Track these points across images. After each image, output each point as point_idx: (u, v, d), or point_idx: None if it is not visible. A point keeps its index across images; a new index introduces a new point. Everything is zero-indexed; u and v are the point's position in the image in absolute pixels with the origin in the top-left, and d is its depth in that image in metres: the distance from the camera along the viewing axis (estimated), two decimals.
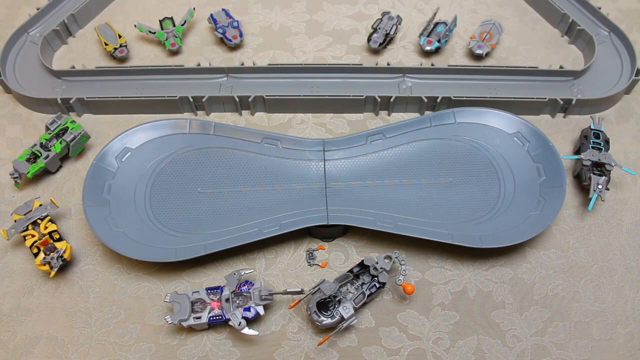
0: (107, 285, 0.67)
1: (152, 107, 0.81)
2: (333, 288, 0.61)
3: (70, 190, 0.75)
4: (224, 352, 0.62)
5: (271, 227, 0.67)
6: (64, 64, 0.88)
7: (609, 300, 0.65)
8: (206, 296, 0.62)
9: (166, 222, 0.69)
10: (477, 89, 0.83)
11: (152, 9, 0.97)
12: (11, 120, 0.82)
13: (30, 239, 0.67)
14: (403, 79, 0.84)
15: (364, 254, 0.69)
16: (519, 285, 0.66)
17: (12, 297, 0.66)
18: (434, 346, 0.62)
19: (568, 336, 0.63)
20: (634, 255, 0.69)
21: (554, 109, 0.80)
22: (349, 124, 0.81)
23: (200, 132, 0.75)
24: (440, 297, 0.65)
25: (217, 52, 0.90)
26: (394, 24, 0.89)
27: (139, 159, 0.73)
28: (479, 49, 0.86)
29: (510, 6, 0.97)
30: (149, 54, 0.90)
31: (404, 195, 0.71)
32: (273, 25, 0.94)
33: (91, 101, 0.80)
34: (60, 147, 0.74)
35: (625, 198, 0.73)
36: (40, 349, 0.62)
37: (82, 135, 0.75)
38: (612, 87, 0.82)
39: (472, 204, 0.70)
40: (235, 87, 0.83)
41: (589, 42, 0.87)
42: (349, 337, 0.63)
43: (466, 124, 0.76)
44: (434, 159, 0.73)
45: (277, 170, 0.73)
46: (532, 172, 0.71)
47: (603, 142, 0.74)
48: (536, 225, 0.66)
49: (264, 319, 0.64)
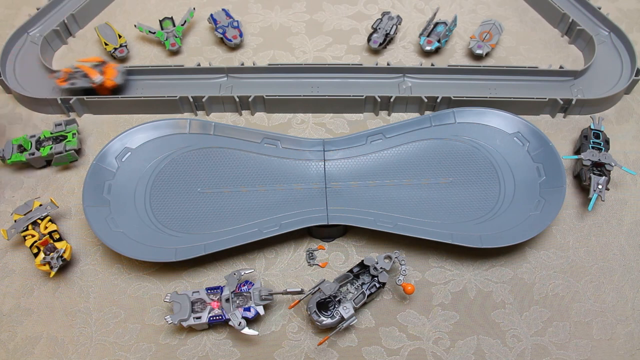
0: (107, 285, 0.67)
1: (152, 107, 0.81)
2: (333, 288, 0.61)
3: (70, 190, 0.75)
4: (224, 352, 0.62)
5: (271, 227, 0.67)
6: (64, 64, 0.88)
7: (609, 300, 0.65)
8: (206, 296, 0.62)
9: (166, 222, 0.69)
10: (477, 89, 0.83)
11: (152, 9, 0.97)
12: (11, 120, 0.82)
13: (30, 239, 0.67)
14: (403, 79, 0.84)
15: (364, 254, 0.69)
16: (519, 285, 0.66)
17: (12, 297, 0.66)
18: (434, 346, 0.62)
19: (568, 336, 0.63)
20: (634, 255, 0.69)
21: (554, 109, 0.80)
22: (349, 124, 0.81)
23: (200, 132, 0.75)
24: (440, 297, 0.65)
25: (217, 52, 0.90)
26: (394, 24, 0.89)
27: (139, 159, 0.73)
28: (479, 49, 0.86)
29: (510, 6, 0.97)
30: (149, 54, 0.90)
31: (404, 195, 0.71)
32: (273, 25, 0.94)
33: (91, 101, 0.80)
34: (47, 153, 0.74)
35: (625, 198, 0.73)
36: (40, 349, 0.62)
37: (69, 154, 0.75)
38: (612, 87, 0.82)
39: (472, 204, 0.70)
40: (235, 87, 0.83)
41: (589, 42, 0.87)
42: (349, 337, 0.63)
43: (466, 124, 0.76)
44: (434, 159, 0.73)
45: (277, 170, 0.73)
46: (532, 172, 0.71)
47: (603, 142, 0.74)
48: (536, 225, 0.66)
49: (264, 319, 0.64)
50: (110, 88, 0.80)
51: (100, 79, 0.77)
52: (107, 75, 0.79)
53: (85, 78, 0.79)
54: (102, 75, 0.77)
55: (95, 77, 0.77)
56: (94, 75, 0.77)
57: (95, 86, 0.79)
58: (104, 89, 0.80)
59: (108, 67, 0.80)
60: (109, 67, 0.80)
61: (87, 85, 0.79)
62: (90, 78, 0.78)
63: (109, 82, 0.79)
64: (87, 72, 0.78)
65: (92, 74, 0.78)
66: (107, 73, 0.79)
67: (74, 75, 0.80)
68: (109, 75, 0.79)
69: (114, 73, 0.80)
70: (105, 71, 0.79)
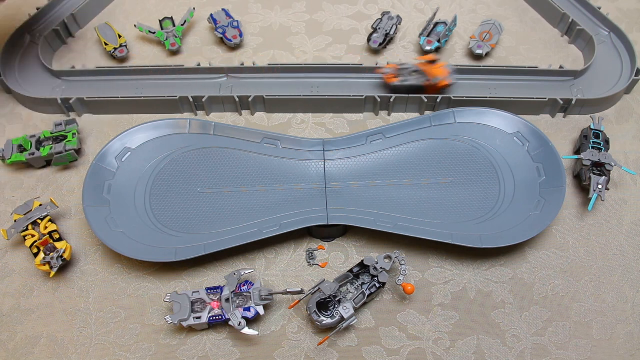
0: (107, 285, 0.67)
1: (152, 107, 0.81)
2: (333, 288, 0.61)
3: (70, 190, 0.75)
4: (224, 352, 0.62)
5: (271, 227, 0.67)
6: (64, 64, 0.88)
7: (609, 300, 0.65)
8: (206, 296, 0.62)
9: (166, 222, 0.69)
10: (477, 89, 0.83)
11: (152, 9, 0.97)
12: (11, 120, 0.82)
13: (30, 239, 0.67)
14: None
15: (364, 254, 0.69)
16: (519, 285, 0.66)
17: (12, 297, 0.66)
18: (434, 346, 0.62)
19: (568, 336, 0.63)
20: (634, 255, 0.69)
21: (554, 109, 0.81)
22: (349, 124, 0.81)
23: (200, 132, 0.75)
24: (440, 297, 0.65)
25: (217, 52, 0.90)
26: (394, 24, 0.89)
27: (139, 159, 0.73)
28: (479, 49, 0.86)
29: (510, 6, 0.97)
30: (149, 54, 0.90)
31: (404, 195, 0.71)
32: (273, 25, 0.94)
33: (91, 101, 0.80)
34: (47, 153, 0.74)
35: (625, 198, 0.73)
36: (40, 349, 0.62)
37: (69, 154, 0.75)
38: (612, 87, 0.82)
39: (472, 204, 0.70)
40: (235, 87, 0.83)
41: (589, 42, 0.87)
42: (349, 337, 0.63)
43: (466, 124, 0.76)
44: (434, 159, 0.73)
45: (277, 170, 0.73)
46: (532, 172, 0.71)
47: (603, 142, 0.74)
48: (536, 225, 0.66)
49: (264, 319, 0.64)
50: (441, 88, 0.78)
51: (438, 78, 0.75)
52: (439, 74, 0.77)
53: (417, 75, 0.77)
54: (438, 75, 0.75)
55: (435, 76, 0.75)
56: (435, 74, 0.75)
57: (426, 84, 0.77)
58: (434, 89, 0.78)
59: (438, 66, 0.77)
60: (439, 66, 0.77)
61: (417, 83, 0.77)
62: (426, 76, 0.77)
63: (443, 82, 0.77)
64: (426, 70, 0.77)
65: (433, 72, 0.76)
66: (437, 72, 0.77)
67: (401, 72, 0.78)
68: (441, 74, 0.77)
69: (445, 72, 0.78)
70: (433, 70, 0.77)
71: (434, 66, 0.78)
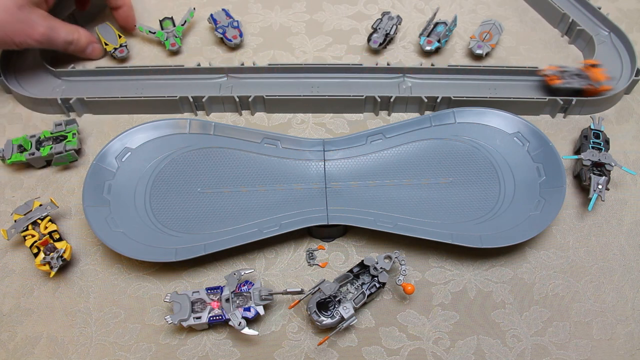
0: (107, 285, 0.67)
1: (152, 107, 0.81)
2: (333, 288, 0.61)
3: (70, 190, 0.75)
4: (224, 352, 0.62)
5: (271, 227, 0.67)
6: (64, 64, 0.88)
7: (609, 300, 0.65)
8: (206, 296, 0.62)
9: (166, 222, 0.69)
10: (477, 89, 0.83)
11: (152, 9, 0.97)
12: (11, 120, 0.82)
13: (30, 239, 0.67)
14: (403, 79, 0.84)
15: (364, 254, 0.69)
16: (519, 285, 0.66)
17: (12, 297, 0.66)
18: (434, 346, 0.62)
19: (568, 336, 0.63)
20: (634, 255, 0.69)
21: (554, 109, 0.80)
22: (349, 124, 0.81)
23: (200, 132, 0.75)
24: (440, 297, 0.65)
25: (217, 52, 0.90)
26: (394, 24, 0.89)
27: (139, 159, 0.73)
28: (479, 49, 0.86)
29: (510, 6, 0.97)
30: (149, 54, 0.90)
31: (404, 195, 0.71)
32: (273, 25, 0.94)
33: (91, 101, 0.80)
34: (47, 153, 0.74)
35: (625, 198, 0.73)
36: (40, 349, 0.62)
37: (69, 154, 0.74)
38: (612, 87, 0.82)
39: (472, 204, 0.70)
40: (235, 87, 0.83)
41: (589, 42, 0.87)
42: (349, 337, 0.63)
43: (466, 124, 0.76)
44: (434, 159, 0.73)
45: (277, 170, 0.73)
46: (532, 172, 0.71)
47: (603, 142, 0.74)
48: (536, 225, 0.66)
49: (264, 319, 0.64)
50: (599, 92, 0.78)
51: (601, 83, 0.76)
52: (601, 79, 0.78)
53: (579, 79, 0.78)
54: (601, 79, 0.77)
55: (599, 80, 0.76)
56: (598, 78, 0.77)
57: (586, 88, 0.78)
58: (592, 92, 0.79)
59: (600, 70, 0.78)
60: (601, 70, 0.78)
61: (579, 86, 0.78)
62: (588, 80, 0.78)
63: (606, 87, 0.78)
64: (591, 74, 0.78)
65: (597, 76, 0.77)
66: (600, 77, 0.78)
67: (563, 75, 0.78)
68: (604, 79, 0.78)
69: (603, 77, 0.78)
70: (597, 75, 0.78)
71: (597, 70, 0.79)
